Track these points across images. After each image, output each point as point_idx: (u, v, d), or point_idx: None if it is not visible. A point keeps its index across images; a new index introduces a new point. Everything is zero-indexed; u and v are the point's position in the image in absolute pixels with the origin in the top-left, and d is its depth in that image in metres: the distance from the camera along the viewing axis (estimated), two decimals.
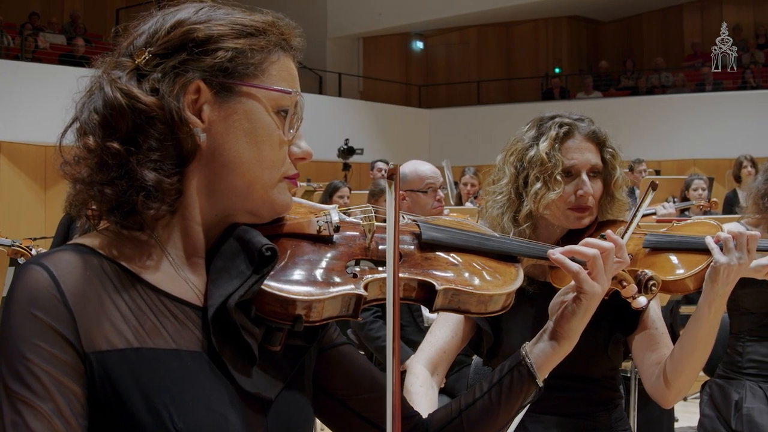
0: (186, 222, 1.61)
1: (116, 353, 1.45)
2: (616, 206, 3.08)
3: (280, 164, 1.64)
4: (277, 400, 1.61)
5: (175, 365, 1.48)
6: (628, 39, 28.95)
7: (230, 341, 1.54)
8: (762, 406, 4.00)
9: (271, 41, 1.64)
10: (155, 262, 1.57)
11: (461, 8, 25.00)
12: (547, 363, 1.84)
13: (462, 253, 1.81)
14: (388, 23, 26.12)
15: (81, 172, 1.56)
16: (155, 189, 1.51)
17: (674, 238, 2.80)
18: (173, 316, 1.53)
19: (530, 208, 2.94)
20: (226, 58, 1.56)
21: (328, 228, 1.70)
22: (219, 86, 1.57)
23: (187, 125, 1.54)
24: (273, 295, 1.54)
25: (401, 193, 5.53)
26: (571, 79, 27.37)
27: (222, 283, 1.54)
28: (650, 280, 2.31)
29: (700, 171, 16.38)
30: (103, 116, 1.54)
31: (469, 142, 23.51)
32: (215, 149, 1.58)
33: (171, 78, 1.55)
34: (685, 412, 8.04)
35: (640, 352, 2.96)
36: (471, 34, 28.76)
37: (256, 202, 1.63)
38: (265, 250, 1.54)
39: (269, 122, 1.62)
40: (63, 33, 21.95)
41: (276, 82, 1.63)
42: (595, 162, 2.98)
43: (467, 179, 12.32)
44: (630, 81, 26.11)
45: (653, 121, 21.87)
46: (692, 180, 11.41)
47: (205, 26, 1.58)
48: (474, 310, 1.75)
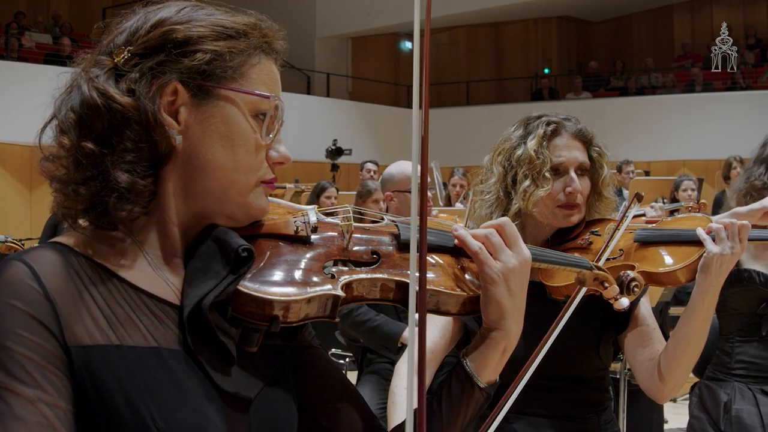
0: (163, 223, 1.60)
1: (98, 349, 1.44)
2: (603, 205, 3.10)
3: (257, 169, 1.63)
4: (259, 399, 1.60)
5: (155, 363, 1.47)
6: (618, 39, 29.01)
7: (207, 341, 1.53)
8: (751, 408, 3.97)
9: (252, 44, 1.62)
10: (133, 262, 1.56)
11: (450, 8, 25.02)
12: (486, 362, 1.73)
13: (442, 253, 1.78)
14: (376, 23, 26.18)
15: (58, 171, 1.55)
16: (128, 191, 1.50)
17: (665, 231, 2.86)
18: (152, 314, 1.52)
19: (519, 206, 2.95)
20: (204, 60, 1.55)
21: (306, 228, 1.69)
22: (196, 88, 1.56)
23: (163, 127, 1.53)
24: (249, 296, 1.53)
25: (388, 194, 5.72)
26: (560, 79, 27.52)
27: (198, 283, 1.53)
28: (632, 281, 2.27)
29: (689, 172, 16.45)
30: (79, 115, 1.52)
31: (459, 142, 23.54)
32: (191, 152, 1.57)
33: (148, 79, 1.54)
34: (674, 413, 8.12)
35: (633, 349, 2.98)
36: (460, 34, 28.81)
37: (231, 206, 1.62)
38: (241, 251, 1.53)
39: (246, 126, 1.60)
40: (49, 32, 21.92)
41: (255, 86, 1.61)
42: (582, 160, 3.00)
43: (456, 180, 12.28)
44: (620, 81, 26.20)
45: (643, 122, 21.91)
46: (682, 181, 11.46)
47: (185, 27, 1.56)
48: (454, 310, 1.73)
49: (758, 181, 4.08)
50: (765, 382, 4.03)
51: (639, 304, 3.00)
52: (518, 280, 1.72)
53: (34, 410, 1.37)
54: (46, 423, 1.37)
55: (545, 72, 27.73)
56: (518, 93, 26.88)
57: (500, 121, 6.22)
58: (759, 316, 4.00)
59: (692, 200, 10.98)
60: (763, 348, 4.05)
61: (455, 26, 28.21)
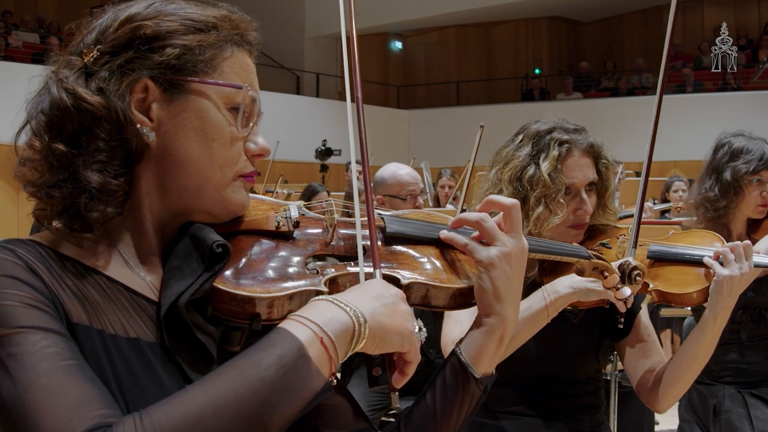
0: (139, 222, 1.58)
1: (83, 328, 1.43)
2: (606, 216, 3.10)
3: (234, 162, 1.61)
4: None
5: (133, 355, 1.46)
6: (609, 40, 29.08)
7: (185, 341, 1.51)
8: (741, 411, 4.01)
9: (223, 36, 1.61)
10: (108, 261, 1.55)
11: (440, 8, 25.08)
12: (481, 351, 1.67)
13: (428, 246, 1.75)
14: (366, 23, 26.16)
15: (32, 175, 1.54)
16: (99, 191, 1.48)
17: (678, 250, 2.91)
18: (130, 307, 1.52)
19: (530, 230, 2.90)
20: (174, 54, 1.54)
21: (288, 223, 1.67)
22: (167, 84, 1.55)
23: (134, 125, 1.52)
24: (229, 294, 1.50)
25: (379, 197, 5.63)
26: (551, 80, 27.55)
27: (174, 282, 1.51)
28: (634, 270, 2.28)
29: (680, 172, 16.54)
30: (49, 117, 1.52)
31: (448, 143, 23.60)
32: (165, 148, 1.56)
33: (118, 77, 1.52)
34: (666, 415, 7.73)
35: (634, 359, 3.00)
36: (450, 34, 28.86)
37: (208, 201, 1.60)
38: (216, 247, 1.51)
39: (220, 119, 1.58)
40: (36, 31, 21.85)
41: (228, 78, 1.60)
42: (593, 177, 2.99)
43: (444, 181, 12.14)
44: (610, 82, 26.24)
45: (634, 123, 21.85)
46: (673, 182, 11.53)
47: (154, 22, 1.55)
48: (443, 304, 1.70)
49: (711, 194, 4.08)
50: (753, 386, 4.07)
51: (640, 314, 3.01)
52: (515, 265, 1.67)
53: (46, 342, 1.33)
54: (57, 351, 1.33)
55: (536, 72, 27.79)
56: (508, 93, 26.89)
57: (490, 121, 6.16)
58: (737, 323, 4.06)
59: (683, 201, 10.89)
60: (745, 353, 4.10)
61: (445, 26, 28.28)
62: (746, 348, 4.09)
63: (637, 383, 2.98)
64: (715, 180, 4.10)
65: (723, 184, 4.05)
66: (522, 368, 2.91)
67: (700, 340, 2.81)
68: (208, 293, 1.51)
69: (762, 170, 4.03)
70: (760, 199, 4.03)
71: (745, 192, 4.04)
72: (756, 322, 4.07)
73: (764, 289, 4.01)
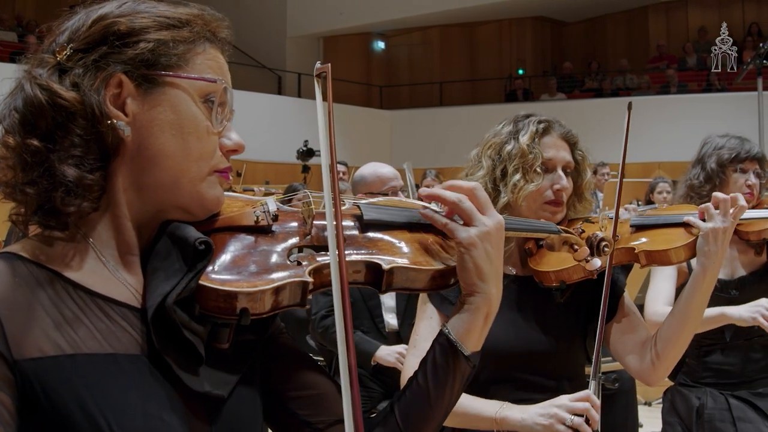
0: (116, 219, 1.58)
1: (49, 360, 1.41)
2: (583, 206, 3.20)
3: (209, 156, 1.62)
4: (230, 398, 1.60)
5: (111, 370, 1.45)
6: (593, 40, 29.12)
7: (174, 342, 1.50)
8: (724, 413, 4.09)
9: (195, 32, 1.62)
10: (87, 264, 1.54)
11: (424, 8, 25.09)
12: (469, 329, 1.72)
13: (405, 231, 1.79)
14: (349, 23, 26.27)
15: (5, 175, 1.53)
16: (75, 185, 1.48)
17: (660, 216, 3.06)
18: (109, 319, 1.50)
19: (508, 199, 3.01)
20: (147, 49, 1.55)
21: (266, 218, 1.68)
22: (141, 78, 1.55)
23: (109, 119, 1.52)
24: (215, 291, 1.51)
25: (360, 196, 5.31)
26: (534, 80, 27.58)
27: (158, 283, 1.51)
28: (602, 241, 2.34)
29: (664, 174, 16.55)
30: (22, 114, 1.52)
31: (432, 144, 23.65)
32: (140, 143, 1.56)
33: (92, 72, 1.53)
34: (649, 417, 8.22)
35: (621, 336, 3.07)
36: (433, 34, 28.85)
37: (184, 197, 1.60)
38: (198, 244, 1.51)
39: (195, 112, 1.59)
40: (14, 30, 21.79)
41: (201, 73, 1.61)
42: (569, 159, 3.10)
43: (428, 182, 12.10)
44: (594, 83, 26.28)
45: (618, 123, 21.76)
46: (657, 183, 11.53)
47: (128, 19, 1.56)
48: (424, 286, 1.74)
49: (696, 181, 4.25)
50: (735, 388, 4.15)
51: (624, 295, 3.11)
52: (494, 243, 1.71)
53: None
54: None
55: (519, 73, 27.79)
56: (492, 94, 26.87)
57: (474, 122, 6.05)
58: None
59: (667, 202, 10.87)
60: (729, 354, 4.19)
61: (428, 26, 28.25)
62: (729, 348, 4.18)
63: (627, 359, 3.05)
64: (700, 169, 4.27)
65: (707, 172, 4.22)
66: (508, 359, 2.97)
67: (692, 298, 2.90)
68: (194, 291, 1.50)
69: (745, 159, 4.18)
70: (745, 187, 4.14)
71: (729, 180, 4.18)
72: None
73: (748, 287, 4.14)
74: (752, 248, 4.19)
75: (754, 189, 4.14)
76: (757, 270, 4.21)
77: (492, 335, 1.80)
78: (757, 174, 4.18)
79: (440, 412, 1.74)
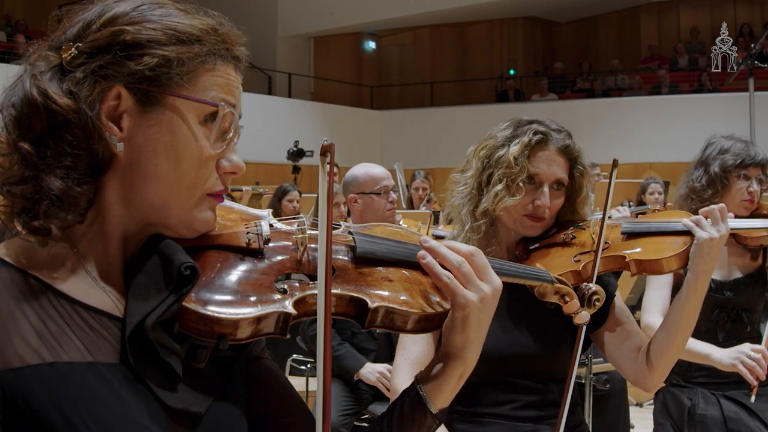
0: (103, 231, 1.55)
1: (29, 370, 1.39)
2: (575, 218, 3.15)
3: (203, 181, 1.58)
4: (208, 414, 1.56)
5: (92, 379, 1.43)
6: (584, 41, 29.18)
7: (151, 358, 1.48)
8: (715, 413, 4.10)
9: (207, 50, 1.56)
10: (71, 272, 1.52)
11: (415, 8, 25.12)
12: (441, 388, 1.71)
13: (400, 267, 1.74)
14: (340, 22, 26.30)
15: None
16: (59, 198, 1.45)
17: (651, 224, 3.01)
18: (90, 328, 1.48)
19: (487, 206, 3.00)
20: (150, 65, 1.49)
21: (258, 240, 1.64)
22: (142, 94, 1.51)
23: (102, 133, 1.48)
24: (196, 313, 1.48)
25: (352, 196, 5.62)
26: (525, 80, 27.59)
27: (140, 301, 1.48)
28: (594, 295, 2.29)
29: (656, 174, 16.73)
30: (18, 112, 1.49)
31: (423, 144, 23.70)
32: (133, 160, 1.52)
33: (91, 81, 1.49)
34: (640, 418, 8.09)
35: (617, 343, 3.06)
36: (424, 34, 28.86)
37: (172, 219, 1.57)
38: (184, 269, 1.48)
39: (194, 135, 1.54)
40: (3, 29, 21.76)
41: (206, 92, 1.56)
42: (560, 176, 3.03)
43: (418, 183, 12.11)
44: (586, 83, 26.29)
45: (609, 124, 21.98)
46: (648, 184, 11.59)
47: (136, 29, 1.51)
48: (409, 328, 1.69)
49: (698, 184, 4.22)
50: (727, 388, 4.15)
51: (615, 300, 3.09)
52: (488, 310, 1.69)
53: None
54: None
55: (510, 73, 27.77)
56: (483, 94, 26.86)
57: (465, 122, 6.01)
58: (714, 322, 4.18)
59: (659, 203, 11.07)
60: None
61: (419, 26, 28.26)
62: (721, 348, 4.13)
63: (623, 366, 3.05)
64: (703, 171, 4.23)
65: (710, 175, 4.18)
66: (497, 362, 2.94)
67: (685, 305, 2.91)
68: (174, 313, 1.49)
69: (749, 165, 4.15)
70: (746, 194, 4.14)
71: (731, 186, 4.15)
72: (734, 322, 4.19)
73: (742, 289, 4.17)
74: (749, 252, 4.21)
75: (754, 196, 4.14)
76: (752, 273, 4.22)
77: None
78: (759, 180, 4.17)
79: None
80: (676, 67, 24.83)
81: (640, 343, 3.02)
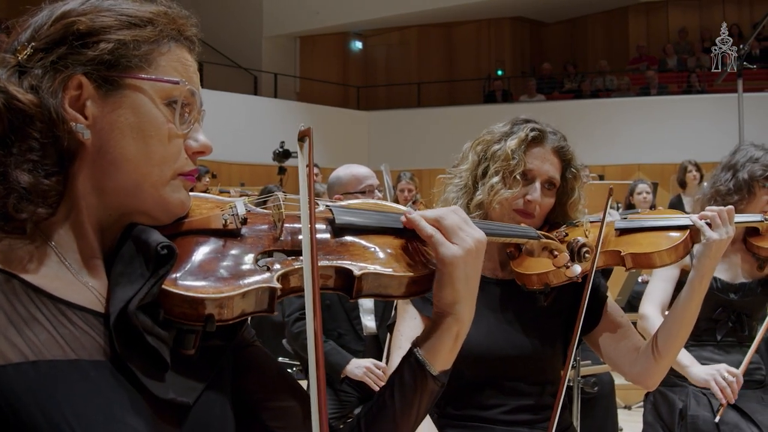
0: (77, 223, 1.56)
1: (11, 368, 1.38)
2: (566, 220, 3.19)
3: (173, 160, 1.60)
4: (195, 409, 1.57)
5: (75, 377, 1.42)
6: (572, 41, 29.29)
7: (138, 348, 1.48)
8: (706, 414, 4.15)
9: (159, 32, 1.59)
10: (50, 269, 1.51)
11: (401, 8, 25.19)
12: (438, 348, 1.74)
13: (379, 235, 1.77)
14: (326, 22, 26.34)
15: None
16: (28, 192, 1.46)
17: (645, 221, 3.08)
18: (72, 325, 1.47)
19: (482, 198, 3.05)
20: (107, 50, 1.53)
21: (235, 221, 1.66)
22: (101, 80, 1.53)
23: (67, 123, 1.50)
24: (180, 296, 1.49)
25: (337, 196, 5.58)
26: (513, 81, 27.56)
27: (121, 288, 1.49)
28: (583, 247, 2.34)
29: (644, 176, 16.93)
30: None
31: (409, 145, 23.73)
32: (101, 146, 1.54)
33: (51, 74, 1.51)
34: (628, 421, 8.27)
35: (613, 342, 3.10)
36: (411, 34, 28.83)
37: (147, 201, 1.58)
38: (161, 249, 1.50)
39: (157, 115, 1.57)
40: None
41: (165, 73, 1.59)
42: (552, 175, 3.09)
43: (404, 185, 12.00)
44: (574, 84, 26.31)
45: (597, 125, 22.03)
46: (636, 185, 11.76)
47: (88, 18, 1.54)
48: (396, 293, 1.72)
49: (723, 187, 4.30)
50: None
51: (608, 301, 3.14)
52: (474, 262, 1.72)
53: None
54: None
55: (498, 74, 27.79)
56: (470, 95, 26.89)
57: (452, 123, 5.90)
58: (714, 321, 4.29)
59: (647, 204, 11.26)
60: (717, 353, 4.29)
61: (406, 26, 28.25)
62: (720, 348, 4.28)
63: (622, 365, 3.09)
64: (731, 176, 4.30)
65: (738, 181, 4.27)
66: (489, 362, 2.99)
67: (688, 303, 3.00)
68: (158, 296, 1.49)
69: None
70: (767, 205, 4.25)
71: (756, 194, 4.24)
72: (734, 323, 4.29)
73: (747, 293, 4.26)
74: (756, 261, 4.27)
75: None
76: (760, 280, 4.30)
77: (474, 338, 1.85)
78: None
79: (405, 430, 1.74)
80: (665, 68, 24.89)
81: (638, 342, 3.07)
